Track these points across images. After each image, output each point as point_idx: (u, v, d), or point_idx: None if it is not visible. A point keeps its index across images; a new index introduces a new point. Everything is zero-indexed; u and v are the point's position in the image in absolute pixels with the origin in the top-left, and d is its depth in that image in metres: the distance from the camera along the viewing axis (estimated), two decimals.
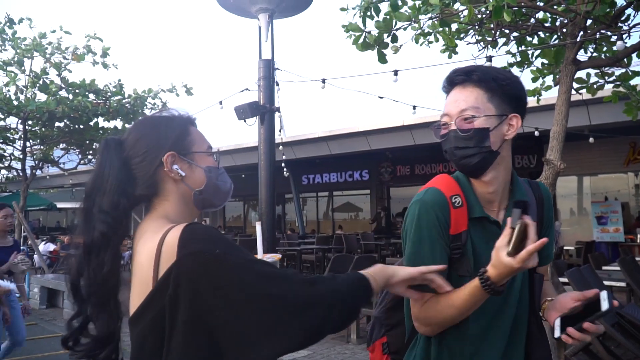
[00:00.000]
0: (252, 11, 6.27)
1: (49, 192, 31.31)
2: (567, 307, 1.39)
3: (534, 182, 1.69)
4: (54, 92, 10.45)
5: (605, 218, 13.54)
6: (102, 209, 1.26)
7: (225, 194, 1.44)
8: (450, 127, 1.49)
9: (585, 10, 3.96)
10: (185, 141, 1.38)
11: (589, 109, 10.71)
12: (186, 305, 1.11)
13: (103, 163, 1.32)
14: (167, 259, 1.15)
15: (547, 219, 1.64)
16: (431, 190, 1.54)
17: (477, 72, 1.49)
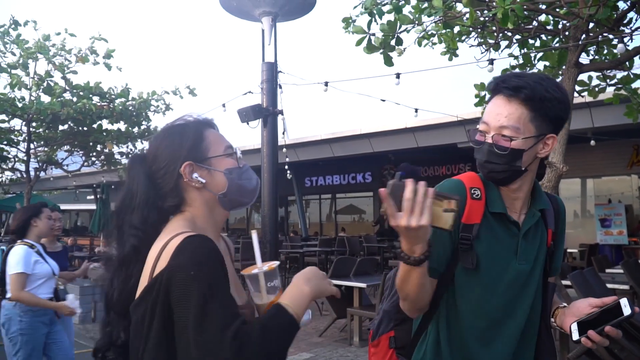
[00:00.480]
0: (255, 14, 6.30)
1: (52, 194, 31.41)
2: (584, 312, 1.42)
3: (552, 196, 1.72)
4: (59, 94, 10.49)
5: (609, 220, 13.50)
6: (132, 224, 1.32)
7: (252, 192, 1.44)
8: (487, 139, 1.49)
9: (587, 13, 3.96)
10: (201, 147, 1.38)
11: (592, 112, 10.70)
12: (161, 314, 1.16)
13: (131, 180, 1.37)
14: (162, 262, 1.19)
15: (560, 232, 1.67)
16: (452, 180, 1.59)
17: (526, 90, 1.45)
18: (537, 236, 1.58)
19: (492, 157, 1.48)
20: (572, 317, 1.44)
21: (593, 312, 1.39)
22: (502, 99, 1.49)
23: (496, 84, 1.51)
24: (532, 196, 1.61)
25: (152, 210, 1.33)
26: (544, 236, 1.60)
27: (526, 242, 1.55)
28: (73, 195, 29.96)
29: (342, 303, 6.67)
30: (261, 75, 6.22)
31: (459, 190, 1.52)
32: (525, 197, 1.58)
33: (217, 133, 1.45)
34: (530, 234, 1.56)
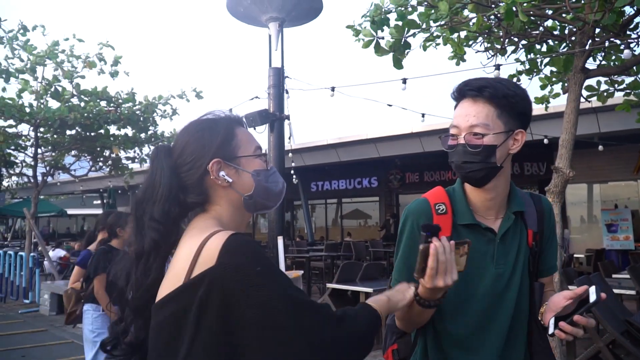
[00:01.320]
0: (262, 20, 6.34)
1: (59, 199, 31.55)
2: (560, 305, 1.42)
3: (536, 195, 1.74)
4: (67, 99, 10.57)
5: (616, 226, 13.44)
6: (153, 217, 1.26)
7: (278, 195, 1.41)
8: (459, 141, 1.54)
9: (593, 19, 3.97)
10: (231, 145, 1.34)
11: (599, 117, 10.69)
12: (214, 313, 1.10)
13: (154, 171, 1.32)
14: (205, 261, 1.14)
15: (548, 232, 1.69)
16: (418, 200, 1.65)
17: (489, 89, 1.53)
18: (516, 239, 1.61)
19: (467, 156, 1.53)
20: (551, 312, 1.45)
21: (568, 305, 1.40)
22: (467, 101, 1.56)
23: (459, 89, 1.59)
24: (508, 199, 1.64)
25: (174, 204, 1.28)
26: (523, 238, 1.62)
27: (504, 246, 1.58)
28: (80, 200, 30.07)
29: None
30: (268, 81, 6.26)
31: (424, 209, 1.61)
32: (501, 200, 1.62)
33: (247, 132, 1.41)
34: (508, 238, 1.60)
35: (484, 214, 1.61)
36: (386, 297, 1.40)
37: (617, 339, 4.53)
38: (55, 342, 7.53)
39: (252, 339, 1.11)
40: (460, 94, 1.59)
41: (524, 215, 1.64)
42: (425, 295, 1.41)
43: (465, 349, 1.55)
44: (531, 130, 11.25)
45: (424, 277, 1.36)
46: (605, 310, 4.87)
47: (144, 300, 1.24)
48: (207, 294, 1.11)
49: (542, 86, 5.25)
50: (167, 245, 1.26)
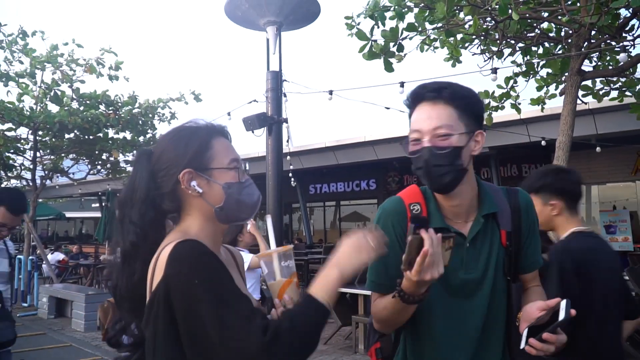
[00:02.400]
0: (260, 24, 6.37)
1: (58, 202, 31.51)
2: (534, 317, 1.38)
3: (512, 190, 1.69)
4: (67, 103, 10.57)
5: (614, 227, 13.46)
6: (131, 219, 1.32)
7: (251, 208, 1.40)
8: (424, 144, 1.49)
9: (589, 21, 4.00)
10: (205, 156, 1.35)
11: (596, 118, 10.71)
12: (163, 320, 1.18)
13: (134, 174, 1.37)
14: (158, 272, 1.20)
15: (527, 226, 1.64)
16: (393, 199, 1.64)
17: (448, 90, 1.51)
18: (487, 242, 1.57)
19: (434, 159, 1.48)
20: (525, 322, 1.41)
21: (541, 316, 1.35)
22: (426, 104, 1.52)
23: (416, 93, 1.55)
24: (479, 201, 1.60)
25: (149, 208, 1.32)
26: (495, 239, 1.58)
27: (473, 250, 1.55)
28: (78, 203, 30.04)
29: (347, 310, 6.67)
30: (266, 84, 6.28)
31: (399, 209, 1.58)
32: (468, 203, 1.58)
33: (226, 143, 1.42)
34: (479, 241, 1.56)
35: (453, 217, 1.58)
36: (338, 272, 1.28)
37: None
38: (54, 345, 7.53)
39: (187, 351, 1.16)
40: (417, 97, 1.55)
41: (496, 216, 1.60)
42: (409, 290, 1.37)
43: (437, 351, 1.54)
44: (529, 131, 11.27)
45: (411, 270, 1.31)
46: None
47: (135, 300, 1.29)
48: (158, 308, 1.18)
49: (539, 87, 5.27)
50: (145, 246, 1.30)
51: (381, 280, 1.56)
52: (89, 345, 7.82)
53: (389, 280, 1.51)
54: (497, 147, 12.12)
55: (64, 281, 12.56)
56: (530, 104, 5.45)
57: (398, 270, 1.49)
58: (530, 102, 5.45)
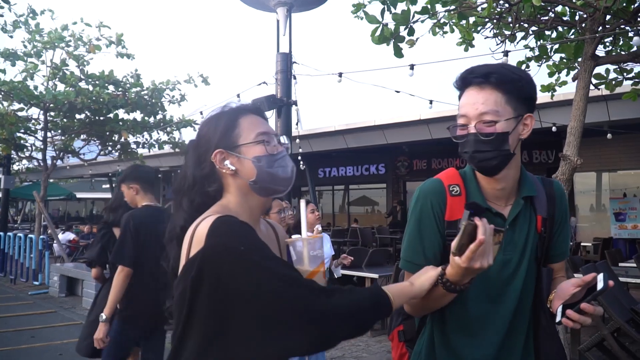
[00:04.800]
0: (270, 5, 6.32)
1: (68, 182, 31.79)
2: (569, 293, 1.40)
3: (547, 180, 1.71)
4: (73, 82, 10.60)
5: (624, 214, 13.38)
6: (182, 206, 1.41)
7: (285, 180, 1.44)
8: (470, 130, 1.50)
9: (604, 5, 3.93)
10: (232, 135, 1.41)
11: (609, 105, 10.59)
12: (206, 292, 1.20)
13: (185, 163, 1.46)
14: (196, 243, 1.24)
15: (560, 216, 1.65)
16: (431, 180, 1.63)
17: (495, 74, 1.50)
18: (525, 225, 1.58)
19: (480, 145, 1.49)
20: (559, 300, 1.43)
21: (577, 292, 1.37)
22: (474, 89, 1.52)
23: (464, 78, 1.55)
24: (519, 184, 1.61)
25: (197, 194, 1.40)
26: (532, 224, 1.59)
27: (512, 233, 1.56)
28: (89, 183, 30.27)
29: None
30: (276, 66, 6.25)
31: (438, 189, 1.59)
32: (511, 187, 1.59)
33: (253, 119, 1.46)
34: (518, 224, 1.57)
35: (494, 200, 1.59)
36: (409, 282, 1.41)
37: (622, 327, 4.54)
38: (64, 323, 7.64)
39: (240, 312, 1.19)
40: (465, 82, 1.55)
41: (534, 201, 1.61)
42: (453, 278, 1.38)
43: (468, 334, 1.55)
44: (540, 117, 11.17)
45: (461, 256, 1.31)
46: (611, 298, 4.88)
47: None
48: (198, 274, 1.20)
49: (550, 73, 5.21)
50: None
51: (417, 261, 1.55)
52: None
53: (425, 262, 1.53)
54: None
55: (75, 260, 12.71)
56: (541, 91, 5.39)
57: (435, 251, 1.56)
58: (541, 89, 5.39)
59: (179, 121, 12.38)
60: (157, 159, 19.67)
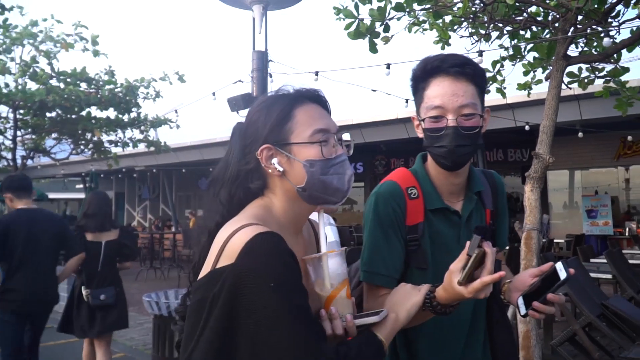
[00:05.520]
0: (246, 2, 6.27)
1: (40, 183, 31.16)
2: (527, 284, 1.37)
3: (487, 172, 1.70)
4: (44, 80, 10.38)
5: (595, 212, 13.67)
6: (220, 199, 1.24)
7: (339, 191, 1.23)
8: (449, 123, 1.43)
9: (576, 6, 3.99)
10: (285, 129, 1.20)
11: (580, 104, 10.78)
12: (222, 310, 1.07)
13: (228, 150, 1.27)
14: (228, 255, 1.09)
15: (502, 207, 1.66)
16: (388, 183, 1.55)
17: (470, 66, 1.46)
18: (478, 220, 1.57)
19: (461, 140, 1.43)
20: (517, 291, 1.39)
21: (534, 282, 1.34)
22: (448, 79, 1.44)
23: (435, 66, 1.46)
24: (468, 179, 1.58)
25: (239, 188, 1.22)
26: (483, 218, 1.59)
27: (468, 230, 1.53)
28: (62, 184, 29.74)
29: None
30: (251, 64, 6.21)
31: (397, 195, 1.50)
32: (464, 181, 1.57)
33: (312, 111, 1.25)
34: (472, 219, 1.55)
35: (448, 196, 1.55)
36: (394, 316, 1.23)
37: (593, 322, 4.62)
38: None
39: (244, 348, 1.06)
40: (435, 70, 1.46)
41: (481, 195, 1.59)
42: (445, 302, 1.27)
43: (432, 340, 1.51)
44: (514, 116, 11.32)
45: (468, 287, 1.21)
46: (582, 294, 4.96)
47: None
48: (220, 291, 1.07)
49: (525, 72, 5.27)
50: None
51: (382, 271, 1.46)
52: None
53: (390, 271, 1.46)
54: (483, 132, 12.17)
55: None
56: (517, 89, 5.45)
57: (400, 260, 1.48)
58: (517, 87, 5.45)
59: (154, 119, 12.22)
60: (132, 158, 19.40)
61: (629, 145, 13.78)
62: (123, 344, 6.72)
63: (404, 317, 1.24)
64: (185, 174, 21.48)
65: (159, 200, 25.87)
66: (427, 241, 1.50)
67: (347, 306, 1.22)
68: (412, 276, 1.49)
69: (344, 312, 1.21)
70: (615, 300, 4.88)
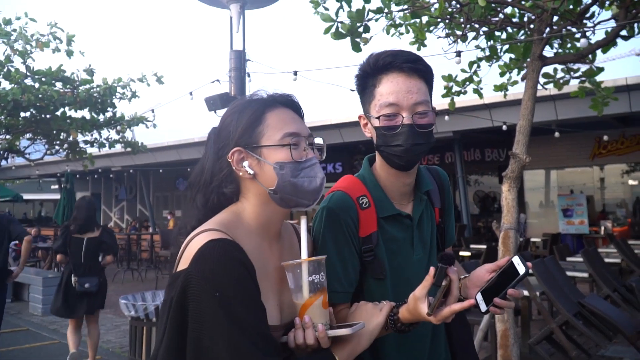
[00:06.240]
0: (223, 1, 6.21)
1: (15, 184, 30.57)
2: (484, 280, 1.35)
3: (432, 169, 1.67)
4: (18, 79, 10.18)
5: (571, 211, 13.87)
6: (196, 204, 1.25)
7: (310, 193, 1.23)
8: (405, 121, 1.39)
9: (552, 7, 4.03)
10: (255, 132, 1.21)
11: (556, 104, 10.94)
12: (175, 313, 1.09)
13: (204, 154, 1.28)
14: (184, 259, 1.11)
15: (448, 204, 1.64)
16: (337, 195, 1.49)
17: (422, 62, 1.41)
18: (428, 220, 1.54)
19: (417, 138, 1.39)
20: (474, 287, 1.36)
21: (492, 278, 1.33)
22: (402, 75, 1.40)
23: (390, 62, 1.41)
24: (417, 179, 1.55)
25: (213, 193, 1.24)
26: (432, 217, 1.56)
27: (420, 231, 1.51)
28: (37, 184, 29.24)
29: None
30: (229, 63, 6.15)
31: (348, 206, 1.45)
32: (414, 182, 1.53)
33: (283, 115, 1.25)
34: (423, 221, 1.53)
35: (398, 199, 1.51)
36: (356, 339, 1.22)
37: (569, 321, 4.68)
38: (10, 329, 7.32)
39: (190, 355, 1.08)
40: (387, 66, 1.41)
41: (429, 193, 1.57)
42: (409, 321, 1.28)
43: (399, 345, 1.48)
44: (491, 116, 11.43)
45: (437, 315, 1.21)
46: (559, 292, 5.02)
47: None
48: (174, 295, 1.09)
49: (501, 73, 5.31)
50: None
51: (340, 289, 1.42)
52: (46, 329, 7.64)
53: (347, 287, 1.43)
54: (461, 132, 12.28)
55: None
56: (494, 90, 5.50)
57: (356, 274, 1.45)
58: (494, 89, 5.49)
59: (131, 119, 12.06)
60: (108, 158, 19.14)
61: (604, 145, 14.02)
62: (99, 347, 6.61)
63: (366, 342, 1.23)
64: (163, 174, 21.27)
65: (136, 201, 25.57)
66: (382, 249, 1.46)
67: (322, 315, 1.20)
68: (370, 287, 1.47)
69: (318, 322, 1.19)
70: (592, 299, 4.94)
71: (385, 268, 1.45)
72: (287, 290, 1.23)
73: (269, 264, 1.25)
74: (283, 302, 1.25)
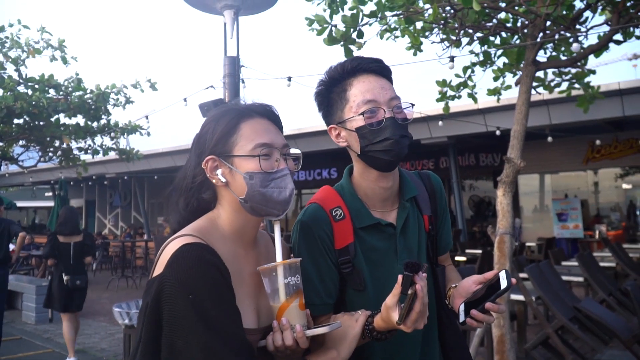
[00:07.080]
0: (217, 7, 6.20)
1: (8, 191, 30.41)
2: (470, 291, 1.35)
3: (424, 174, 1.66)
4: (12, 87, 10.15)
5: (566, 215, 13.90)
6: (177, 207, 1.30)
7: (279, 203, 1.25)
8: (387, 115, 1.40)
9: (545, 12, 4.04)
10: (229, 141, 1.24)
11: (550, 109, 10.98)
12: (149, 318, 1.12)
13: (188, 159, 1.31)
14: (160, 264, 1.14)
15: (442, 210, 1.62)
16: (311, 208, 1.49)
17: (384, 63, 1.48)
18: (415, 228, 1.52)
19: (403, 130, 1.41)
20: (460, 297, 1.37)
21: (478, 290, 1.32)
22: (371, 76, 1.44)
23: (356, 65, 1.44)
24: (400, 185, 1.54)
25: (193, 197, 1.28)
26: (421, 224, 1.54)
27: (404, 239, 1.49)
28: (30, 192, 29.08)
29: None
30: (223, 70, 6.15)
31: (321, 219, 1.45)
32: (397, 187, 1.52)
33: (258, 125, 1.28)
34: (409, 228, 1.50)
35: (380, 207, 1.50)
36: (335, 353, 1.24)
37: (565, 325, 4.67)
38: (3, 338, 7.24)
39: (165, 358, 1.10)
40: (357, 69, 1.44)
41: (417, 200, 1.55)
42: (384, 329, 1.28)
43: (389, 355, 1.47)
44: (485, 121, 11.46)
45: (406, 323, 1.20)
46: (554, 297, 5.02)
47: None
48: (150, 299, 1.12)
49: (495, 78, 5.33)
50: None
51: (317, 302, 1.42)
52: (39, 338, 7.58)
53: (325, 299, 1.43)
54: (455, 137, 12.30)
55: (15, 272, 12.12)
56: (487, 95, 5.51)
57: (335, 287, 1.45)
58: (487, 93, 5.50)
59: (125, 126, 12.02)
60: (102, 165, 19.08)
61: (598, 149, 14.08)
62: (93, 355, 6.56)
63: (345, 354, 1.25)
64: (157, 180, 21.22)
65: (130, 208, 25.47)
66: (360, 260, 1.45)
67: (299, 317, 1.23)
68: (351, 298, 1.46)
69: (296, 323, 1.21)
70: (587, 303, 4.94)
71: (364, 279, 1.44)
72: (264, 295, 1.26)
73: (245, 269, 1.27)
74: (260, 306, 1.26)
